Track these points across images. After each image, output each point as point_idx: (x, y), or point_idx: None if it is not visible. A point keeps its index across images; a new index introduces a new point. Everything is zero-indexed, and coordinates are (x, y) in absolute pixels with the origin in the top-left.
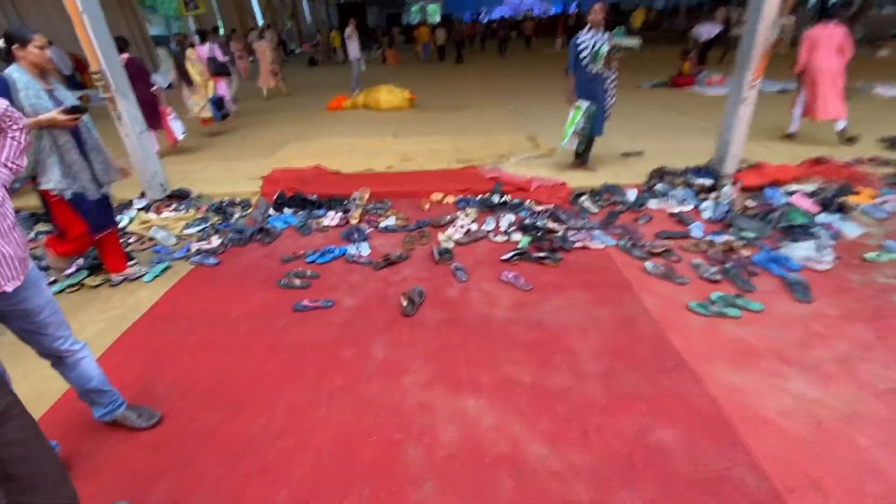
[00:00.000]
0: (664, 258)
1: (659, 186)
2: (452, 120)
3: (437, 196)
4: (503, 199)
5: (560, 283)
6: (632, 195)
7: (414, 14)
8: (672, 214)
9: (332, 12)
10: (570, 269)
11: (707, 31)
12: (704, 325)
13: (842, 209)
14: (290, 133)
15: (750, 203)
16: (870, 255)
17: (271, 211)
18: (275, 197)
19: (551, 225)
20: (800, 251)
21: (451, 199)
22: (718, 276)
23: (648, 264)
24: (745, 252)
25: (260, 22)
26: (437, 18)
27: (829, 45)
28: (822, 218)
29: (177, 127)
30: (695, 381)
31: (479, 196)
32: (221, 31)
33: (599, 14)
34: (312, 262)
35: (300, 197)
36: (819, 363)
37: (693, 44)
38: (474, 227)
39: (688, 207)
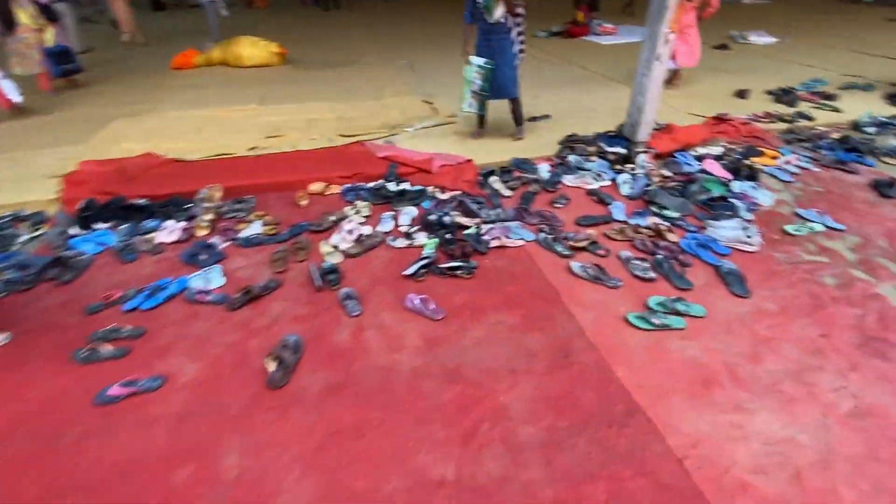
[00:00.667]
0: (590, 252)
1: (572, 159)
2: (334, 80)
3: (316, 186)
4: (401, 185)
5: (478, 303)
6: (544, 171)
7: None
8: (590, 192)
9: None
10: (488, 279)
11: None
12: (649, 344)
13: (752, 175)
14: (120, 104)
15: (666, 172)
16: (790, 227)
17: (75, 229)
18: (80, 206)
19: (461, 220)
20: (726, 231)
21: (335, 190)
22: (653, 274)
23: (575, 265)
24: (671, 236)
25: None
26: None
27: None
28: (737, 187)
29: (7, 87)
30: (653, 434)
31: (372, 183)
32: None
33: None
34: (133, 309)
35: (120, 203)
36: (775, 381)
37: None
38: (367, 229)
39: (605, 182)
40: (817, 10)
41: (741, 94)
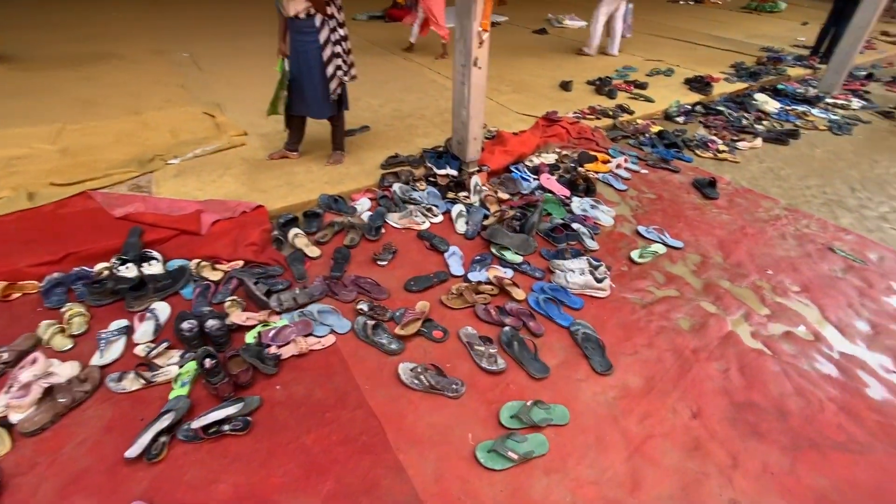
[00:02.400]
0: (425, 336)
1: (397, 188)
2: (72, 86)
3: None
4: (147, 265)
5: (258, 488)
6: (364, 208)
7: None
8: (420, 236)
9: None
10: (277, 426)
11: None
12: (508, 493)
13: (588, 188)
14: None
15: (503, 194)
16: (635, 254)
17: None
18: None
19: (237, 319)
20: (575, 276)
21: (30, 287)
22: (502, 363)
23: (405, 370)
24: (517, 293)
25: None
26: None
27: None
28: (576, 205)
29: None
30: None
31: (99, 266)
32: None
33: None
34: None
35: None
36: None
37: None
38: (68, 368)
39: (437, 219)
40: None
41: (565, 85)
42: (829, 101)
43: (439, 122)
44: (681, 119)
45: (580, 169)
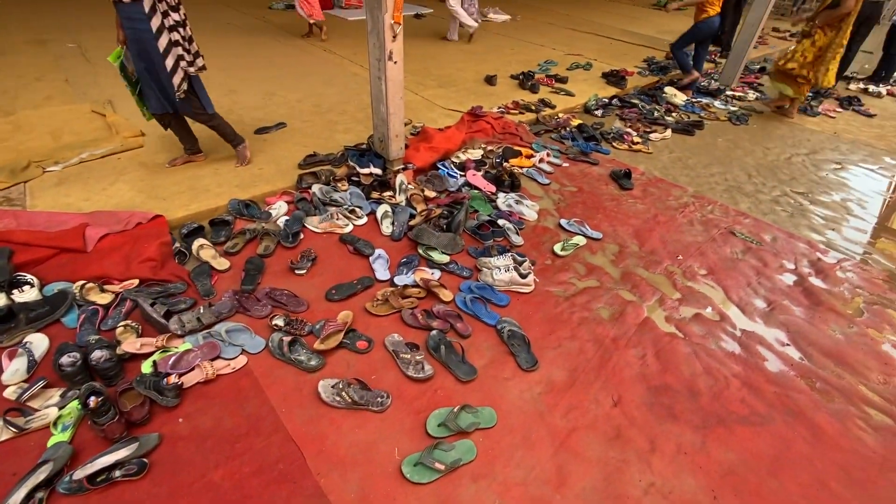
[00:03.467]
0: (348, 348)
1: (316, 190)
2: None
3: None
4: (16, 286)
5: None
6: (280, 213)
7: None
8: (343, 240)
9: None
10: (178, 465)
11: None
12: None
13: (514, 184)
14: None
15: (430, 192)
16: (557, 247)
17: None
18: None
19: (131, 346)
20: (500, 274)
21: None
22: (429, 370)
23: (325, 387)
24: (445, 294)
25: None
26: None
27: None
28: (502, 201)
29: None
30: None
31: None
32: None
33: None
34: None
35: None
36: None
37: None
38: None
39: (361, 221)
40: None
41: (489, 80)
42: (728, 93)
43: (362, 117)
44: (599, 112)
45: (505, 164)
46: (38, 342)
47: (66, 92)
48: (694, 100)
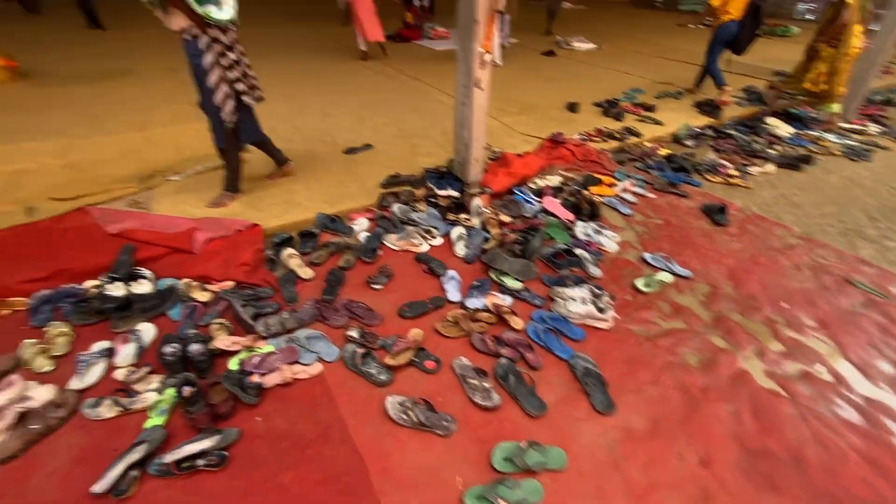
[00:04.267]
0: (417, 366)
1: (396, 209)
2: (84, 102)
3: None
4: (136, 283)
5: None
6: (361, 228)
7: None
8: (419, 258)
9: None
10: (254, 462)
11: None
12: None
13: (593, 213)
14: None
15: (505, 217)
16: (640, 282)
17: None
18: None
19: (221, 343)
20: (576, 306)
21: (18, 304)
22: (496, 399)
23: (392, 403)
24: (516, 322)
25: None
26: None
27: None
28: (580, 230)
29: None
30: None
31: (88, 283)
32: None
33: None
34: None
35: None
36: None
37: None
38: (44, 392)
39: (437, 241)
40: (621, 15)
41: (572, 107)
42: (844, 126)
43: (443, 142)
44: (690, 142)
45: (585, 192)
46: (147, 331)
47: (190, 113)
48: (802, 132)
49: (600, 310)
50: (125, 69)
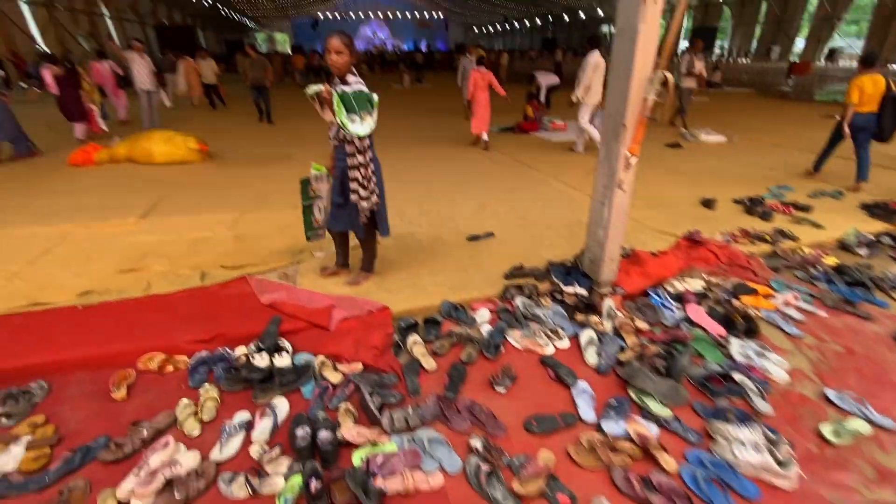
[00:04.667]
0: (548, 500)
1: (519, 303)
2: (253, 180)
3: (152, 360)
4: (278, 355)
5: None
6: (484, 321)
7: (261, 42)
8: (544, 362)
9: (150, 34)
10: None
11: (546, 80)
12: None
13: (749, 329)
14: None
15: (641, 323)
16: (827, 430)
17: None
18: None
19: (349, 433)
20: (746, 452)
21: (181, 363)
22: None
23: None
24: (666, 461)
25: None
26: (287, 48)
27: (483, 84)
28: (736, 350)
29: None
30: None
31: (238, 350)
32: None
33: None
34: None
35: None
36: None
37: (536, 88)
38: (191, 458)
39: (563, 343)
40: (749, 106)
41: (707, 203)
42: None
43: (566, 234)
44: (863, 251)
45: (736, 302)
46: (282, 406)
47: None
48: None
49: (779, 462)
50: (288, 154)
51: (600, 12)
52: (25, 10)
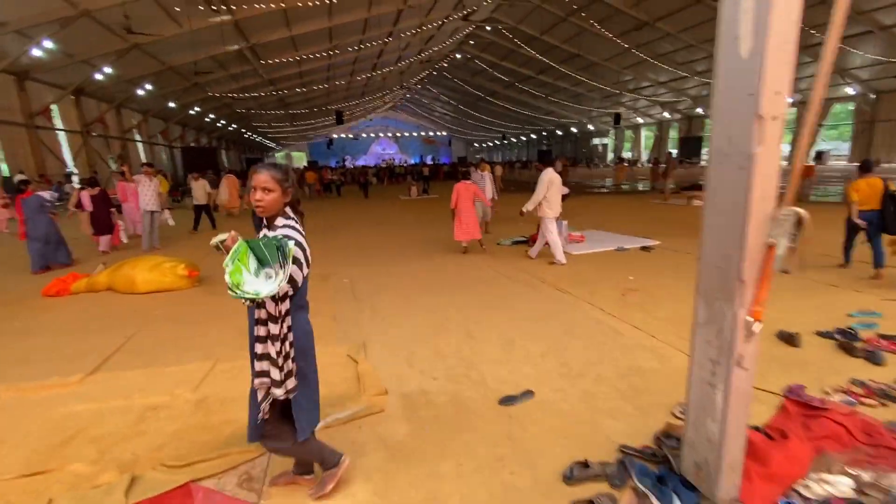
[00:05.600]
0: None
1: None
2: (236, 312)
3: None
4: None
5: None
6: None
7: (280, 160)
8: None
9: (176, 155)
10: None
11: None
12: None
13: None
14: None
15: None
16: None
17: None
18: None
19: None
20: None
21: None
22: None
23: None
24: None
25: (71, 166)
26: (304, 164)
27: (467, 195)
28: None
29: None
30: None
31: None
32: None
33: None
34: None
35: None
36: None
37: None
38: None
39: None
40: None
41: (788, 338)
42: None
43: (625, 389)
44: None
45: None
46: None
47: (331, 331)
48: None
49: None
50: None
51: (591, 127)
52: (62, 136)
